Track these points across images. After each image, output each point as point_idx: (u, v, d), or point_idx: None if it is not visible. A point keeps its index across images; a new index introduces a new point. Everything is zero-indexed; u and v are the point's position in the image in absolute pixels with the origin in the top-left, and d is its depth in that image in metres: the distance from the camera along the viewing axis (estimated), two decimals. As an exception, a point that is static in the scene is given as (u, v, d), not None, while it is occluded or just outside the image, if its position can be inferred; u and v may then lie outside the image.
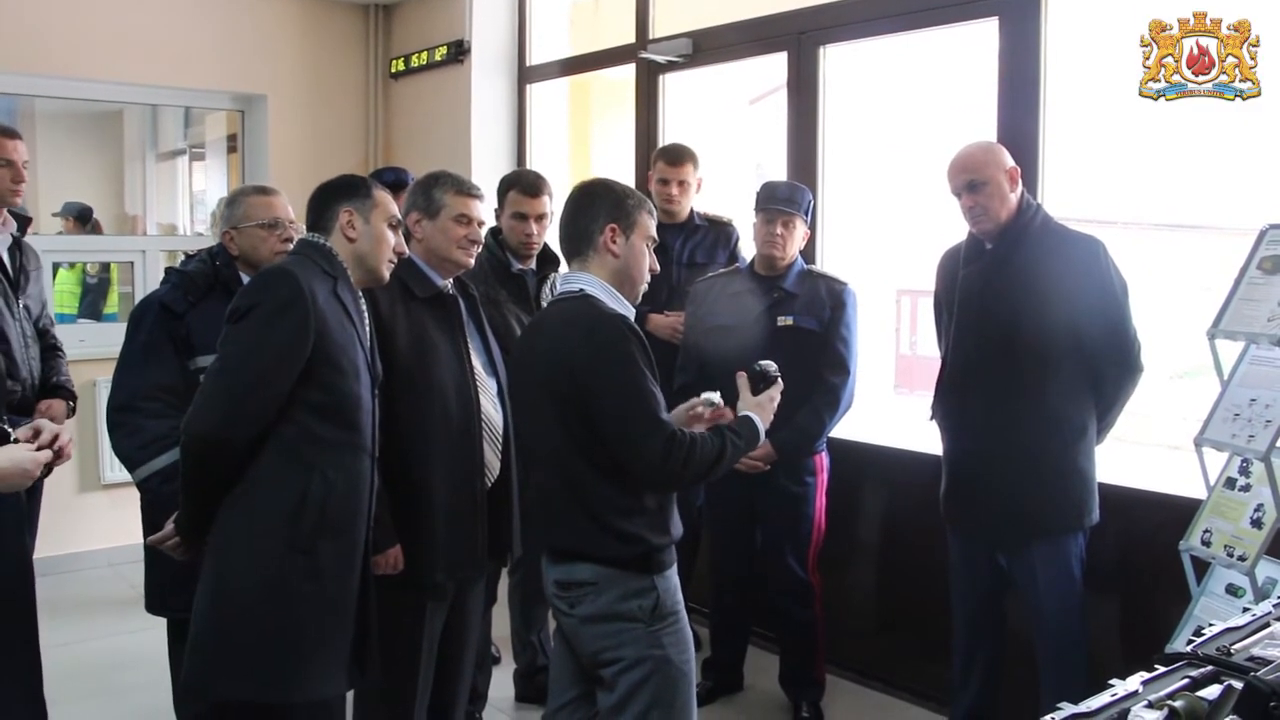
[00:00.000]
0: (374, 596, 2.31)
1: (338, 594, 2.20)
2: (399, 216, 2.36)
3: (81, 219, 6.05)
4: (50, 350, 3.25)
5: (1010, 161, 2.86)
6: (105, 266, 5.76)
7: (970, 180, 2.82)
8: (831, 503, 3.50)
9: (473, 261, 2.67)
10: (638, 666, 2.16)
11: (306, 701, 2.19)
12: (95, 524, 4.95)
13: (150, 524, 2.79)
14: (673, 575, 2.24)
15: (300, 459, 2.15)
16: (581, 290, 2.23)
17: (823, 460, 3.46)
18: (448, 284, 2.63)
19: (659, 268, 2.39)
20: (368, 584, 2.29)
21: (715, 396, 2.36)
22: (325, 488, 2.16)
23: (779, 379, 2.36)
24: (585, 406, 2.13)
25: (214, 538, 2.18)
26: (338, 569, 2.19)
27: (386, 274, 2.35)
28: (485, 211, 2.68)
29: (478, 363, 2.64)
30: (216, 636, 2.15)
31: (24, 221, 3.30)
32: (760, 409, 2.31)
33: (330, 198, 2.33)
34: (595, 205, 2.26)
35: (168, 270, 2.93)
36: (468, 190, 2.63)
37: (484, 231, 2.70)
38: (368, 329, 2.32)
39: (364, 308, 2.33)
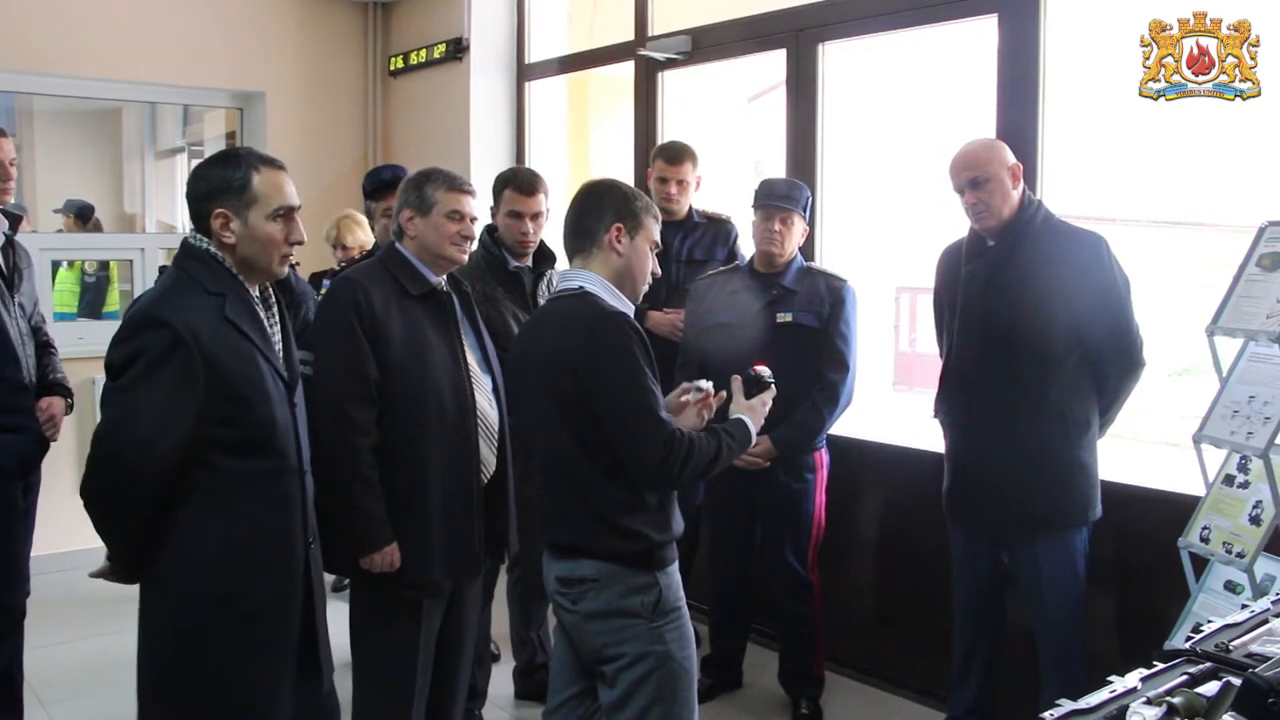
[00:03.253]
0: (323, 608, 2.23)
1: (276, 626, 2.11)
2: (288, 203, 2.08)
3: (82, 217, 6.05)
4: (43, 347, 3.25)
5: (1012, 158, 2.86)
6: (104, 265, 5.76)
7: (973, 177, 2.82)
8: (831, 500, 3.50)
9: (466, 258, 2.67)
10: (640, 663, 2.16)
11: None
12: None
13: None
14: (674, 571, 2.25)
15: (220, 502, 2.01)
16: (581, 287, 2.22)
17: (822, 457, 3.46)
18: (441, 281, 2.63)
19: (660, 271, 2.39)
20: (311, 597, 2.18)
21: (704, 384, 2.36)
22: (250, 526, 2.04)
23: (772, 385, 2.37)
24: (587, 404, 2.13)
25: (142, 594, 2.09)
26: (274, 602, 2.10)
27: (282, 270, 2.12)
28: (478, 207, 2.67)
29: (472, 360, 2.64)
30: (154, 688, 2.10)
31: (15, 220, 3.30)
32: (752, 412, 2.32)
33: (202, 196, 2.04)
34: (602, 204, 2.26)
35: (162, 269, 2.92)
36: (460, 186, 2.61)
37: (477, 228, 2.69)
38: (274, 329, 2.14)
39: (270, 306, 2.16)
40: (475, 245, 3.22)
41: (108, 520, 2.04)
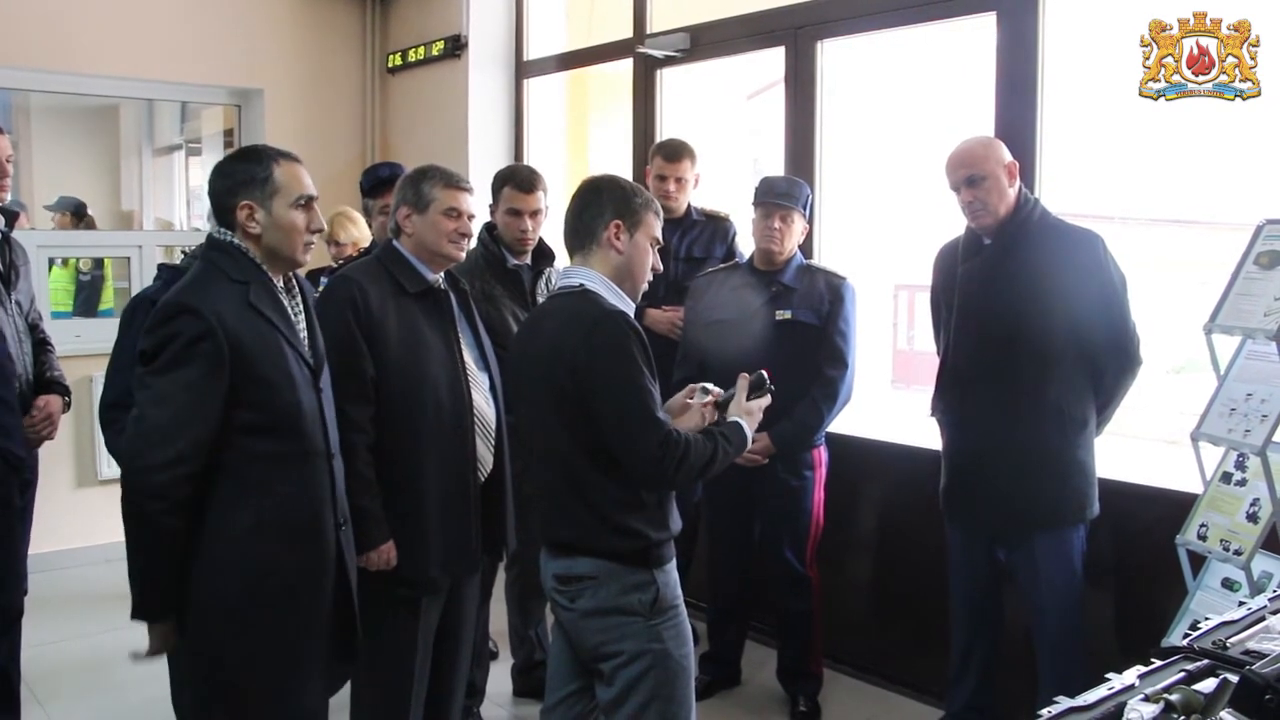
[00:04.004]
0: (354, 590, 2.27)
1: (308, 606, 2.15)
2: (308, 192, 2.15)
3: (78, 214, 6.05)
4: (40, 345, 3.23)
5: (1009, 156, 2.86)
6: (99, 263, 5.75)
7: (969, 175, 2.82)
8: (829, 497, 3.50)
9: (463, 255, 2.66)
10: (637, 660, 2.17)
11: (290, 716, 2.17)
12: (91, 520, 4.94)
13: None
14: (672, 570, 2.25)
15: (249, 484, 2.07)
16: (582, 285, 2.22)
17: (821, 454, 3.46)
18: (438, 278, 2.62)
19: (662, 267, 2.39)
20: (345, 578, 2.23)
21: (712, 387, 2.38)
22: (279, 507, 2.09)
23: (770, 393, 2.38)
24: (585, 402, 2.13)
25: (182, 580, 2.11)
26: (306, 582, 2.15)
27: (306, 257, 2.18)
28: (475, 204, 2.66)
29: (469, 357, 2.63)
30: (190, 667, 2.14)
31: (12, 217, 3.28)
32: (749, 416, 2.33)
33: (226, 191, 2.12)
34: (601, 200, 2.25)
35: (160, 266, 2.91)
36: (456, 183, 2.61)
37: (474, 224, 2.68)
38: (299, 318, 2.20)
39: (294, 295, 2.22)
40: (474, 243, 3.23)
41: (161, 516, 2.01)
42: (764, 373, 2.37)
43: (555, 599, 2.27)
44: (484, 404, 2.63)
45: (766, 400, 2.37)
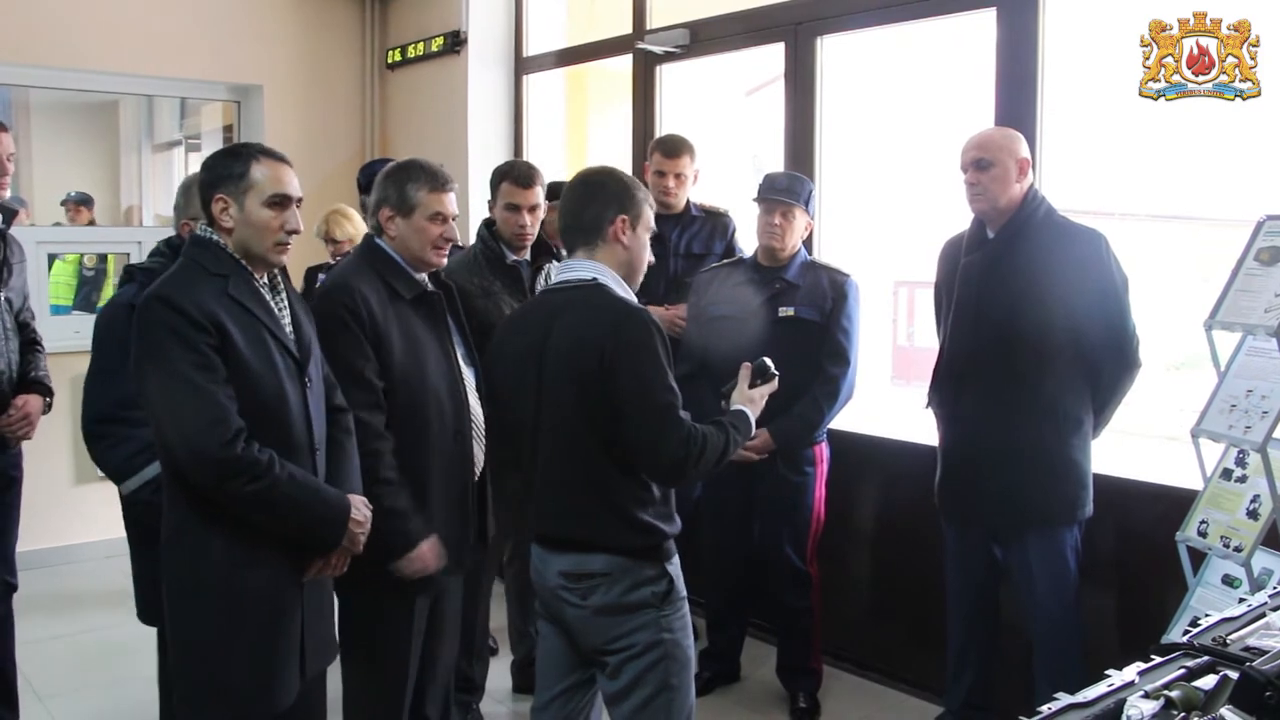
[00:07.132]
0: (330, 590, 2.29)
1: (292, 598, 2.16)
2: (283, 191, 2.13)
3: (88, 205, 6.08)
4: (29, 345, 3.18)
5: (1025, 153, 2.86)
6: (102, 258, 5.75)
7: (978, 158, 2.83)
8: (829, 493, 3.50)
9: (445, 261, 2.60)
10: (650, 651, 2.17)
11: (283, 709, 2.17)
12: (89, 517, 4.94)
13: (141, 535, 2.66)
14: (678, 562, 2.26)
15: None
16: (595, 279, 2.20)
17: (823, 451, 3.46)
18: (424, 278, 2.59)
19: (654, 259, 2.38)
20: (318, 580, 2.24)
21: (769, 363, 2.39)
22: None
23: (775, 378, 2.38)
24: (608, 396, 2.10)
25: (164, 562, 2.12)
26: (290, 573, 2.15)
27: (279, 257, 2.16)
28: (455, 202, 2.60)
29: (459, 356, 2.62)
30: (183, 663, 2.13)
31: (11, 214, 3.26)
32: (752, 404, 2.33)
33: (206, 184, 2.13)
34: (605, 195, 2.23)
35: (128, 269, 2.86)
36: (441, 185, 2.53)
37: (472, 222, 2.64)
38: (283, 312, 2.20)
39: (278, 291, 2.21)
40: (473, 240, 3.22)
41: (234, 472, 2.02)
42: (766, 360, 2.37)
43: (562, 596, 2.23)
44: (476, 405, 2.62)
45: (772, 386, 2.37)
